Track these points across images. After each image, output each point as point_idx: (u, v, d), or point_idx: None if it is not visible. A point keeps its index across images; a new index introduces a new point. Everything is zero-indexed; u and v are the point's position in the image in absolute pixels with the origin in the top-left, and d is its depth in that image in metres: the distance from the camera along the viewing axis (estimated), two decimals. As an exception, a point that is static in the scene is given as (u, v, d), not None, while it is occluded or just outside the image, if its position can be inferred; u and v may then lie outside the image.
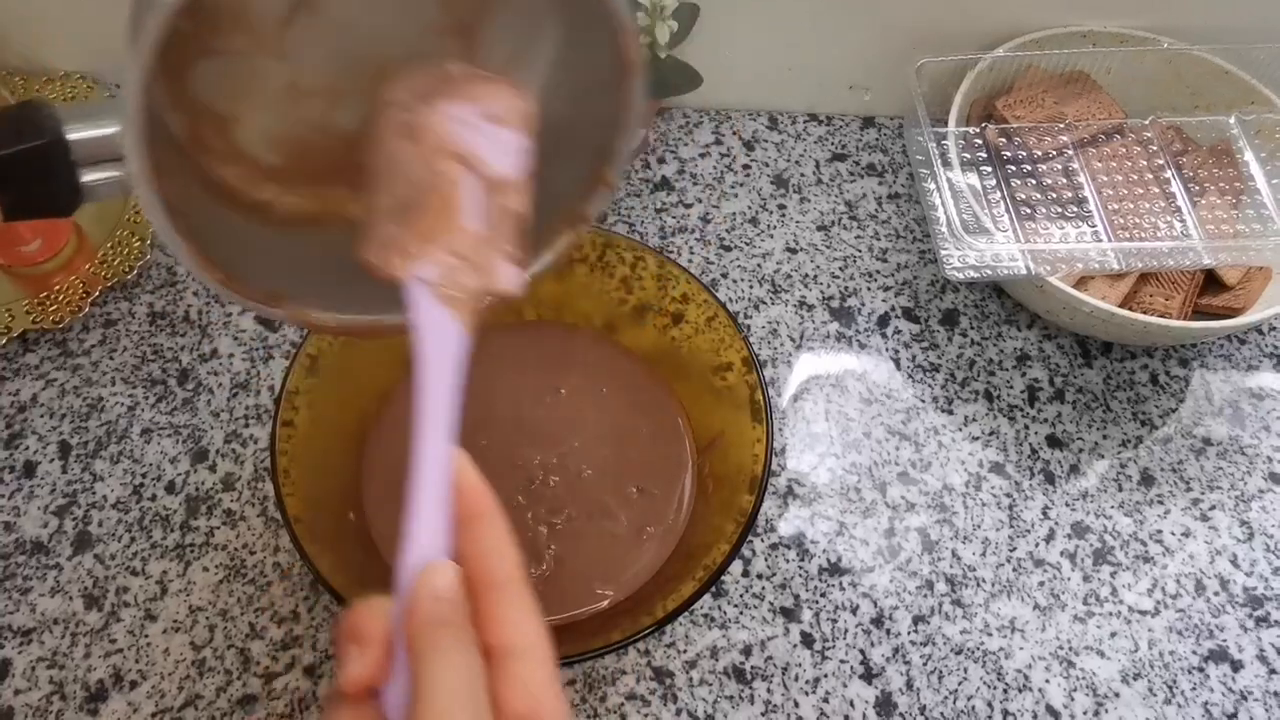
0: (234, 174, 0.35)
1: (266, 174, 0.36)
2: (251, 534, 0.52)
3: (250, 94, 0.34)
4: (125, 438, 0.55)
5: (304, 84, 0.35)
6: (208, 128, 0.34)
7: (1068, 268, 0.56)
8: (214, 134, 0.34)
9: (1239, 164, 0.62)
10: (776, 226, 0.66)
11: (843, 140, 0.71)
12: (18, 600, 0.50)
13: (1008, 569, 0.53)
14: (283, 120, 0.35)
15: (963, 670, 0.50)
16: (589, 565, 0.49)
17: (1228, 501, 0.56)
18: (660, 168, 0.68)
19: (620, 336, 0.56)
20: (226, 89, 0.33)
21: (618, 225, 0.65)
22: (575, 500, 0.51)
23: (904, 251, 0.65)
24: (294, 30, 0.33)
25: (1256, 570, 0.54)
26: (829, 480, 0.55)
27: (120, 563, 0.51)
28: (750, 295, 0.63)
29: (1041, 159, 0.62)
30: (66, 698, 0.47)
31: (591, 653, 0.41)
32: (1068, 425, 0.58)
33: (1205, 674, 0.50)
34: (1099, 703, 0.49)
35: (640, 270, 0.53)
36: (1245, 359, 0.62)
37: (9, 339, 0.57)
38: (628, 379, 0.55)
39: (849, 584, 0.52)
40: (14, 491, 0.53)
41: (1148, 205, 0.60)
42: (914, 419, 0.58)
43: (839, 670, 0.49)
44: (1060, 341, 0.62)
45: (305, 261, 0.36)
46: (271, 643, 0.49)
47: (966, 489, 0.56)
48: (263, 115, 0.35)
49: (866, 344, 0.61)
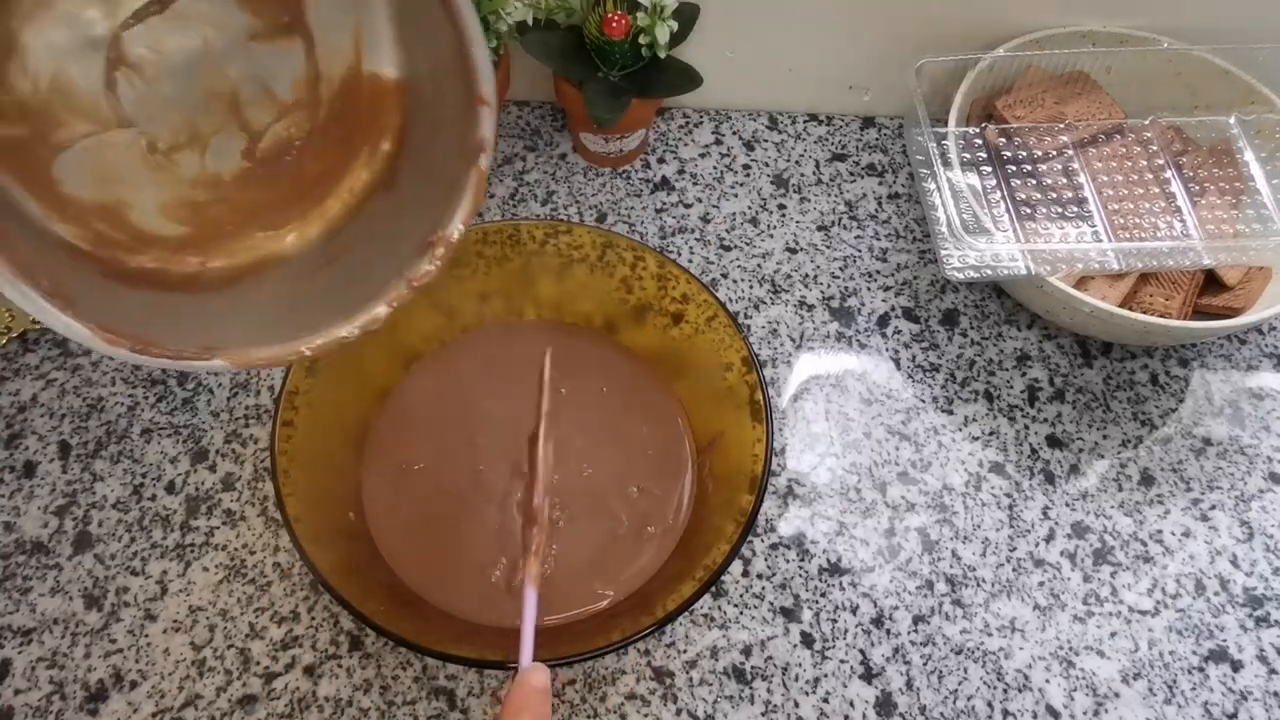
0: (149, 259, 0.34)
1: (180, 247, 0.35)
2: (251, 534, 0.52)
3: (119, 172, 0.33)
4: (125, 438, 0.55)
5: (162, 142, 0.34)
6: (103, 225, 0.33)
7: (1068, 268, 0.56)
8: (109, 228, 0.33)
9: (1239, 164, 0.62)
10: (776, 226, 0.66)
11: (843, 140, 0.71)
12: (18, 600, 0.50)
13: (1008, 569, 0.53)
14: (165, 187, 0.34)
15: (963, 670, 0.50)
16: (589, 565, 0.49)
17: (1228, 501, 0.56)
18: (660, 168, 0.68)
19: (620, 336, 0.56)
20: (95, 177, 0.33)
21: (618, 225, 0.65)
22: (576, 500, 0.51)
23: (904, 251, 0.65)
24: (122, 92, 0.32)
25: (1256, 570, 0.54)
26: (829, 480, 0.55)
27: (120, 563, 0.51)
28: (750, 295, 0.63)
29: (1041, 159, 0.62)
30: (66, 698, 0.47)
31: (591, 653, 0.41)
32: (1068, 425, 0.58)
33: (1205, 674, 0.50)
34: (1099, 703, 0.49)
35: (640, 270, 0.53)
36: (1245, 359, 0.62)
37: (9, 339, 0.57)
38: (628, 379, 0.55)
39: (849, 584, 0.52)
40: (14, 491, 0.53)
41: (1148, 205, 0.60)
42: (914, 419, 0.58)
43: (839, 670, 0.49)
44: (1060, 341, 0.62)
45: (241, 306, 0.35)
46: (271, 643, 0.49)
47: (966, 489, 0.56)
48: (144, 189, 0.34)
49: (866, 344, 0.61)
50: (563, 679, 0.48)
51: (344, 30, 0.36)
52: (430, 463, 0.52)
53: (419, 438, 0.52)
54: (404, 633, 0.41)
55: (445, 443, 0.52)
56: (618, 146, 0.66)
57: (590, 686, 0.48)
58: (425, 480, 0.51)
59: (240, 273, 0.36)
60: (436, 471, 0.52)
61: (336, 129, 0.37)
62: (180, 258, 0.35)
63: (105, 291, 0.32)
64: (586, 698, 0.48)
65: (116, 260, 0.33)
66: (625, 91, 0.60)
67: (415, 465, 0.52)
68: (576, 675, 0.49)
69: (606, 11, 0.57)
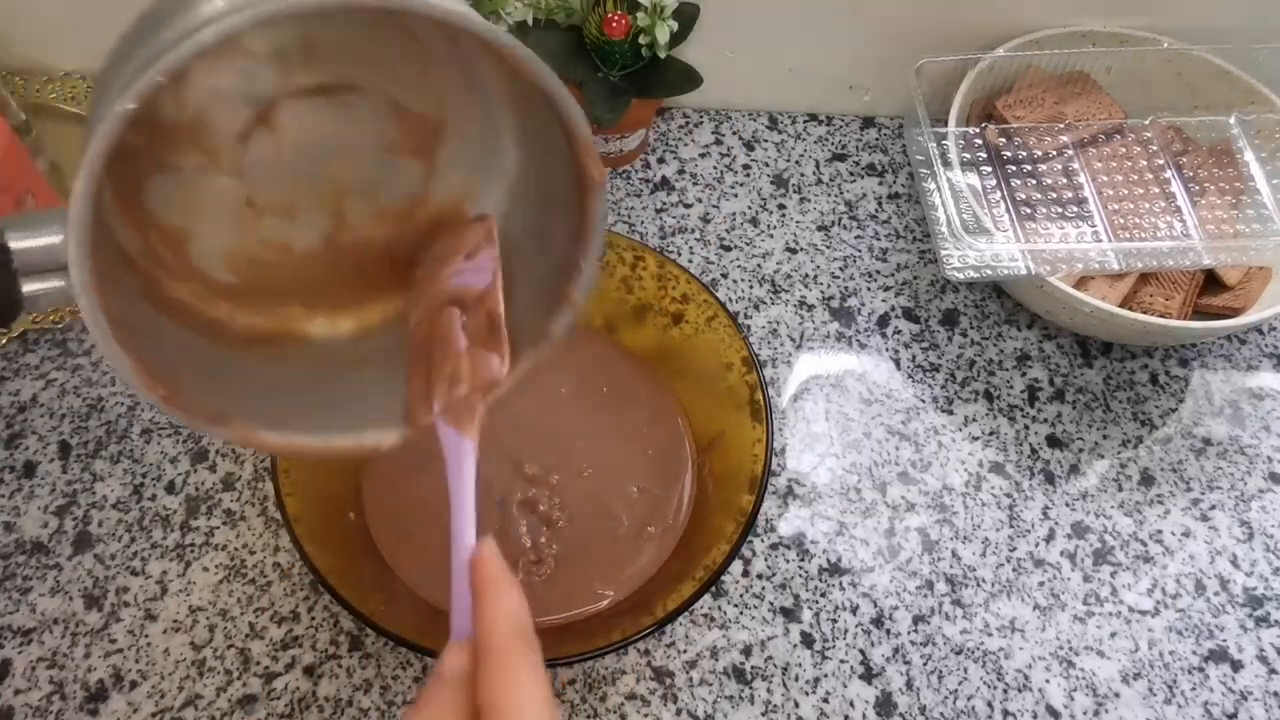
0: (188, 291, 0.34)
1: (221, 292, 0.35)
2: (251, 534, 0.52)
3: (205, 210, 0.34)
4: (125, 438, 0.55)
5: (260, 202, 0.34)
6: (161, 244, 0.33)
7: (1068, 268, 0.56)
8: (167, 250, 0.33)
9: (1239, 164, 0.62)
10: (776, 226, 0.66)
11: (843, 140, 0.71)
12: (18, 600, 0.50)
13: (1008, 569, 0.53)
14: (238, 237, 0.35)
15: (963, 670, 0.50)
16: (589, 565, 0.49)
17: (1228, 501, 0.56)
18: (660, 168, 0.68)
19: (620, 336, 0.56)
20: (180, 204, 0.33)
21: (618, 225, 0.65)
22: (576, 500, 0.51)
23: (904, 251, 0.65)
24: (251, 148, 0.33)
25: (1256, 570, 0.54)
26: (829, 480, 0.55)
27: (120, 563, 0.51)
28: (750, 295, 0.63)
29: (1041, 159, 0.62)
30: (66, 698, 0.47)
31: (591, 653, 0.41)
32: (1068, 425, 0.58)
33: (1205, 674, 0.50)
34: (1099, 703, 0.49)
35: (640, 270, 0.53)
36: (1245, 359, 0.62)
37: (9, 339, 0.57)
38: (628, 379, 0.55)
39: (849, 584, 0.52)
40: (14, 491, 0.53)
41: (1148, 205, 0.60)
42: (914, 419, 0.58)
43: (839, 670, 0.49)
44: (1060, 341, 0.62)
45: (257, 379, 0.35)
46: (271, 643, 0.49)
47: (966, 489, 0.56)
48: (218, 232, 0.34)
49: (866, 344, 0.61)
50: (563, 679, 0.48)
51: (463, 172, 0.37)
52: (430, 463, 0.52)
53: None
54: (404, 633, 0.41)
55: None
56: (617, 146, 0.66)
57: (590, 686, 0.48)
58: (425, 480, 0.51)
59: (264, 336, 0.36)
60: (436, 471, 0.52)
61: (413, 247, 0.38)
62: (216, 302, 0.35)
63: (145, 316, 0.32)
64: (586, 698, 0.48)
65: (156, 281, 0.34)
66: (625, 91, 0.60)
67: (414, 465, 0.52)
68: (576, 675, 0.49)
69: (606, 11, 0.58)
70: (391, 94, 0.34)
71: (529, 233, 0.36)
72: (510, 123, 0.36)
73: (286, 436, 0.33)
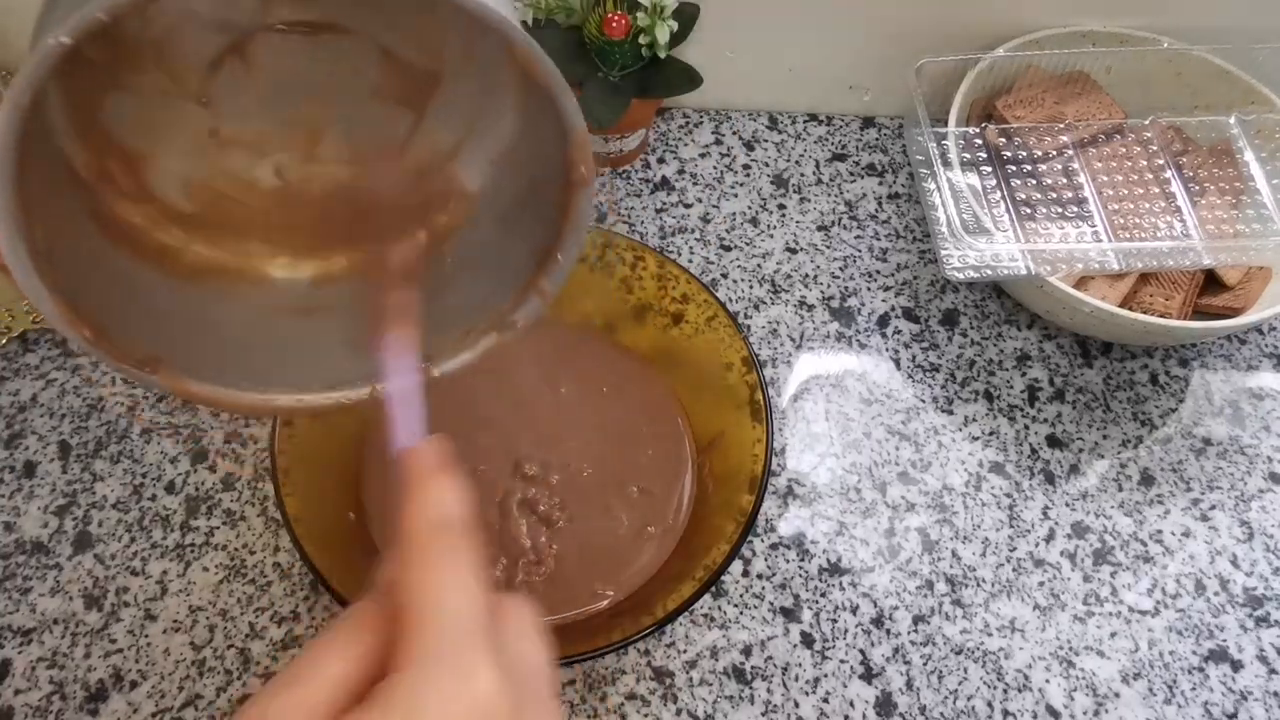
0: (139, 213, 0.33)
1: (177, 220, 0.33)
2: (251, 534, 0.52)
3: (166, 135, 0.32)
4: (125, 438, 0.55)
5: (227, 134, 0.33)
6: (117, 164, 0.31)
7: (1068, 268, 0.56)
8: (122, 170, 0.32)
9: (1239, 164, 0.62)
10: (776, 226, 0.66)
11: (843, 140, 0.71)
12: (18, 600, 0.50)
13: (1008, 569, 0.53)
14: (199, 167, 0.33)
15: (963, 670, 0.50)
16: (589, 565, 0.49)
17: (1228, 501, 0.56)
18: (660, 168, 0.68)
19: (620, 336, 0.56)
20: (140, 126, 0.31)
21: (618, 225, 0.65)
22: (576, 500, 0.51)
23: (904, 251, 0.65)
24: (221, 77, 0.31)
25: (1256, 570, 0.54)
26: (829, 480, 0.55)
27: (120, 563, 0.51)
28: (750, 295, 0.63)
29: (1041, 159, 0.62)
30: (66, 698, 0.47)
31: (591, 653, 0.41)
32: (1068, 425, 0.58)
33: (1205, 674, 0.50)
34: (1099, 703, 0.49)
35: (640, 270, 0.53)
36: (1245, 359, 0.62)
37: (9, 339, 0.57)
38: (628, 379, 0.55)
39: (849, 584, 0.52)
40: (14, 491, 0.53)
41: (1148, 205, 0.60)
42: (914, 419, 0.58)
43: (839, 670, 0.49)
44: (1060, 341, 0.62)
45: (199, 320, 0.34)
46: (271, 643, 0.49)
47: (966, 489, 0.56)
48: (178, 160, 0.33)
49: (866, 344, 0.61)
50: (563, 679, 0.48)
51: (453, 131, 0.35)
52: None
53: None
54: (404, 633, 0.41)
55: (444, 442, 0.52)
56: (617, 146, 0.66)
57: (590, 686, 0.48)
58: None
59: (218, 270, 0.35)
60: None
61: (387, 199, 0.36)
62: (170, 228, 0.33)
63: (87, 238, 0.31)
64: (586, 698, 0.48)
65: (106, 201, 0.32)
66: (625, 91, 0.60)
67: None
68: (576, 675, 0.49)
69: (606, 11, 0.57)
70: (383, 41, 0.32)
71: (509, 210, 0.35)
72: (513, 95, 0.34)
73: (218, 389, 0.32)
